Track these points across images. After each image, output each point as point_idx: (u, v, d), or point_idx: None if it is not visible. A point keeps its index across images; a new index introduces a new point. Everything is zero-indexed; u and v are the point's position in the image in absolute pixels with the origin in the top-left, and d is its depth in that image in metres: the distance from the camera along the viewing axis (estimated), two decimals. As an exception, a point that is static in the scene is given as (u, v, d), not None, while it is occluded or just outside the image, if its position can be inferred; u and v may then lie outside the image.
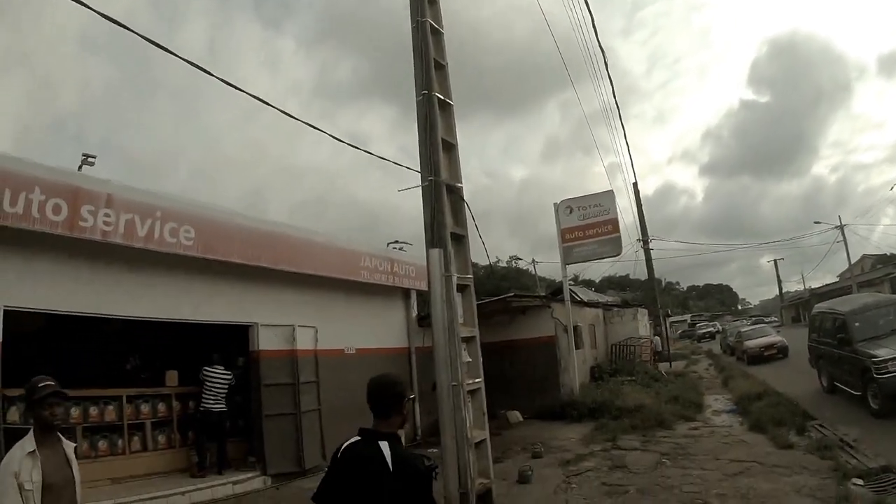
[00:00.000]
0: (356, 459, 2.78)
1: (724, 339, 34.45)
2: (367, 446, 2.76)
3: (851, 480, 6.39)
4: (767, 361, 21.78)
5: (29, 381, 3.31)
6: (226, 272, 8.87)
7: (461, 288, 7.19)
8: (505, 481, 8.16)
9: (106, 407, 8.35)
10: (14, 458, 3.08)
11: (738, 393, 14.00)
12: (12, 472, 3.01)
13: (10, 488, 2.97)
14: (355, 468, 2.76)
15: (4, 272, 6.59)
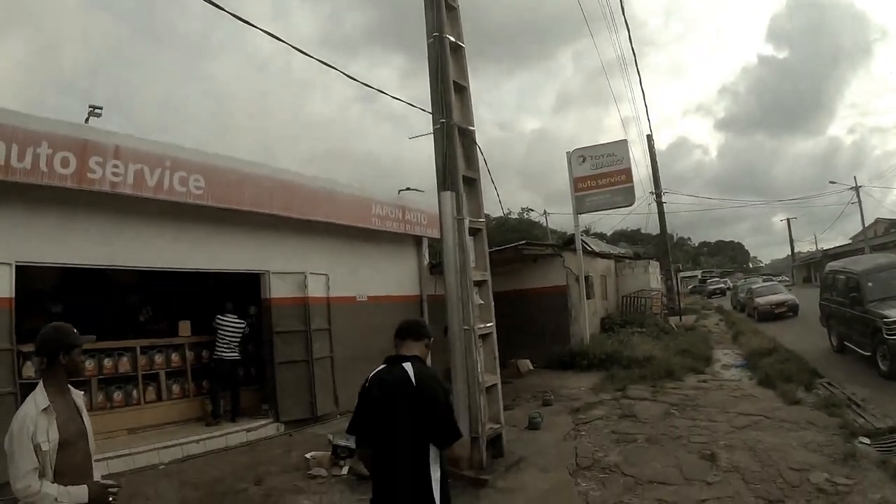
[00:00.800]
0: (383, 381, 3.13)
1: (735, 295, 34.37)
2: (393, 368, 3.13)
3: (858, 439, 6.44)
4: (778, 319, 21.75)
5: (54, 326, 3.13)
6: (237, 221, 8.85)
7: (473, 231, 7.20)
8: (515, 427, 8.30)
9: (120, 358, 8.47)
10: (28, 417, 2.88)
11: (748, 348, 14.00)
12: (28, 432, 2.84)
13: (26, 451, 2.82)
14: (383, 389, 3.10)
15: (15, 228, 6.62)
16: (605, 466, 6.48)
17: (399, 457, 3.01)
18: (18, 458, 2.80)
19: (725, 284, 54.09)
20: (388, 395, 3.07)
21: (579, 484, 6.06)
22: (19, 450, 2.81)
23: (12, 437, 2.84)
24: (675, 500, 5.31)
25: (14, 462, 2.80)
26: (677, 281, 28.73)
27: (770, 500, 5.04)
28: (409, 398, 2.99)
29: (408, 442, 2.97)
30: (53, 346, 3.03)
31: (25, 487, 2.78)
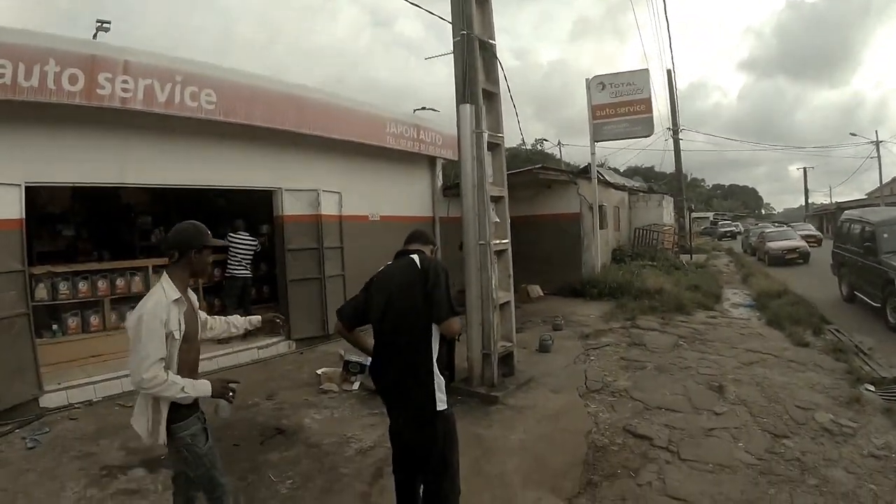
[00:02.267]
0: (388, 269, 3.41)
1: (747, 238, 34.18)
2: (399, 259, 3.41)
3: (864, 385, 6.46)
4: (788, 265, 21.66)
5: (193, 224, 3.18)
6: (250, 137, 8.68)
7: (491, 146, 7.12)
8: (525, 349, 8.39)
9: (132, 278, 8.40)
10: (161, 304, 2.88)
11: (758, 289, 13.98)
12: (161, 319, 2.84)
13: (157, 338, 2.81)
14: (387, 274, 3.37)
15: (23, 148, 6.49)
16: (615, 390, 6.57)
17: (401, 334, 3.21)
18: (148, 344, 2.78)
19: (737, 228, 53.64)
20: (392, 277, 3.33)
21: (589, 405, 6.15)
22: (149, 336, 2.79)
23: (142, 323, 2.80)
24: (684, 426, 5.38)
25: (142, 349, 2.77)
26: (689, 219, 28.39)
27: (776, 434, 5.10)
28: (412, 279, 3.21)
29: (411, 320, 3.18)
30: (189, 242, 3.08)
31: (153, 377, 2.75)
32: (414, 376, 3.14)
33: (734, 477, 4.36)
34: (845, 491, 4.03)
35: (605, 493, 4.23)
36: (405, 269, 3.30)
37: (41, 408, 6.30)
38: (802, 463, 4.54)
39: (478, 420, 5.83)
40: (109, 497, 4.39)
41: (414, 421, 3.22)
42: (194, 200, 10.84)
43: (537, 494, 4.28)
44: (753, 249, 28.15)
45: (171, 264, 3.08)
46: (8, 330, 6.00)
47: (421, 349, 3.15)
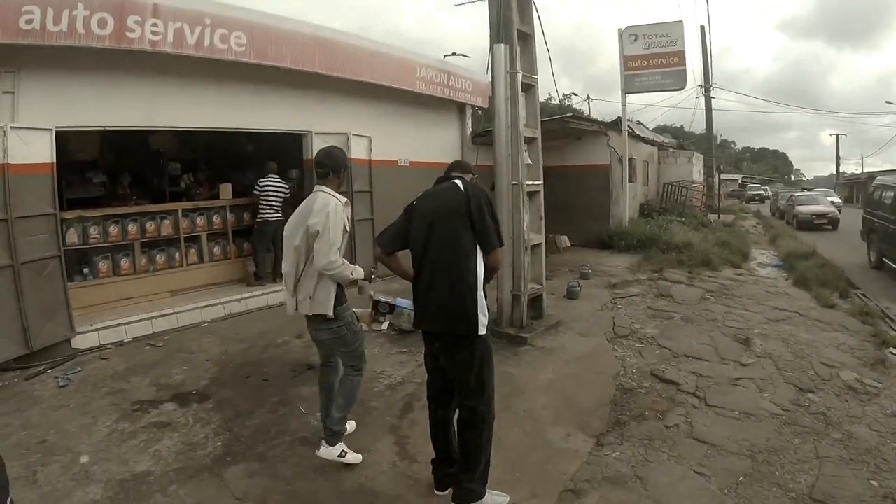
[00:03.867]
0: (430, 192, 3.42)
1: (775, 202, 33.63)
2: (442, 185, 3.42)
3: (889, 349, 6.39)
4: (816, 230, 21.31)
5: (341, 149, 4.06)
6: (280, 80, 8.58)
7: (525, 88, 7.03)
8: (553, 296, 8.40)
9: (162, 222, 8.41)
10: (339, 206, 3.67)
11: (786, 250, 13.76)
12: (342, 220, 3.64)
13: (340, 231, 3.60)
14: (430, 198, 3.37)
15: (53, 94, 6.46)
16: (642, 337, 6.59)
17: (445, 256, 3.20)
18: (334, 235, 3.56)
19: (765, 192, 52.72)
20: (435, 201, 3.32)
21: (616, 350, 6.19)
22: (335, 230, 3.57)
23: (329, 218, 3.56)
24: (710, 374, 5.40)
25: (328, 239, 3.55)
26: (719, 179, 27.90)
27: (801, 389, 5.10)
28: (457, 202, 3.20)
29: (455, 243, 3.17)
30: (341, 163, 3.88)
31: (334, 261, 3.55)
32: (458, 298, 3.13)
33: (759, 425, 4.39)
34: (869, 447, 4.02)
35: (632, 433, 4.28)
36: (449, 193, 3.29)
37: (73, 349, 6.39)
38: (827, 417, 4.53)
39: (506, 359, 5.89)
40: (141, 430, 4.50)
41: (453, 344, 3.22)
42: (223, 146, 10.88)
43: (566, 430, 4.35)
44: (782, 213, 27.74)
45: (325, 179, 3.83)
46: (40, 272, 6.06)
47: (465, 272, 3.14)
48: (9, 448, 4.13)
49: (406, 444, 4.23)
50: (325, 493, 3.60)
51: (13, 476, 3.72)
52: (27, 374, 5.64)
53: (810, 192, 31.77)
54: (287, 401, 5.03)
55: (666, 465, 3.82)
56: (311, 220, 3.59)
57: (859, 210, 15.72)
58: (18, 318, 5.78)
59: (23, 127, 5.97)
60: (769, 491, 3.50)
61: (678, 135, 52.61)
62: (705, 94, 27.82)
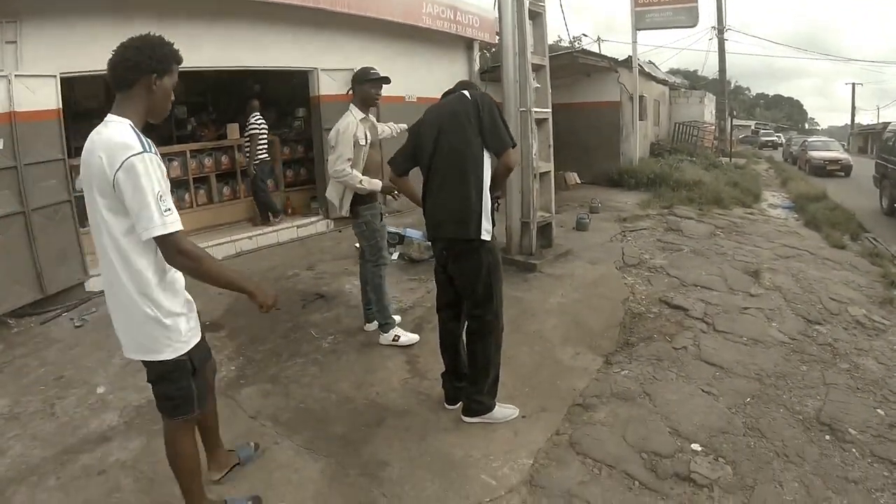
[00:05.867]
0: (437, 105, 3.42)
1: (788, 147, 33.19)
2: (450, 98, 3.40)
3: (898, 291, 6.38)
4: (829, 176, 21.06)
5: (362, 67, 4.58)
6: (285, 17, 8.30)
7: (533, 15, 6.82)
8: (562, 227, 8.37)
9: (171, 164, 8.29)
10: (351, 124, 4.18)
11: (796, 193, 13.64)
12: (352, 134, 4.14)
13: (348, 144, 4.12)
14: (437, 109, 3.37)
15: (56, 39, 6.26)
16: (651, 267, 6.55)
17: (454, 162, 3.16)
18: (341, 147, 4.12)
19: (778, 139, 51.88)
20: (442, 110, 3.30)
21: (625, 278, 6.16)
22: (343, 142, 4.13)
23: (339, 133, 4.16)
24: (719, 303, 5.37)
25: (336, 150, 4.14)
26: (731, 122, 27.36)
27: (809, 320, 5.07)
28: (465, 108, 3.17)
29: (463, 148, 3.13)
30: (358, 77, 4.43)
31: (341, 169, 4.11)
32: (464, 202, 3.10)
33: (767, 351, 4.38)
34: (875, 378, 4.01)
35: (641, 353, 4.28)
36: (455, 101, 3.26)
37: (87, 291, 6.35)
38: (834, 348, 4.52)
39: (516, 285, 5.88)
40: None
41: (460, 251, 3.20)
42: (229, 87, 10.66)
43: (575, 350, 4.36)
44: (794, 158, 27.39)
45: (354, 96, 4.41)
46: (52, 217, 6.00)
47: (472, 176, 3.10)
48: (27, 385, 4.17)
49: (417, 362, 4.25)
50: (335, 410, 3.62)
51: (31, 410, 3.77)
52: (43, 319, 5.64)
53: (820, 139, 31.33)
54: (298, 326, 5.03)
55: (674, 384, 3.82)
56: (329, 135, 4.30)
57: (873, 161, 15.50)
58: (32, 264, 5.76)
59: (27, 75, 5.85)
60: (776, 412, 3.50)
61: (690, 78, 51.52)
62: (718, 37, 26.96)
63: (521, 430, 3.31)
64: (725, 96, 27.37)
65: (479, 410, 3.34)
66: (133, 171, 1.97)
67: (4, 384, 4.26)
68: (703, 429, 3.29)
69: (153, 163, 2.04)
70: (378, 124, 4.72)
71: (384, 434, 3.32)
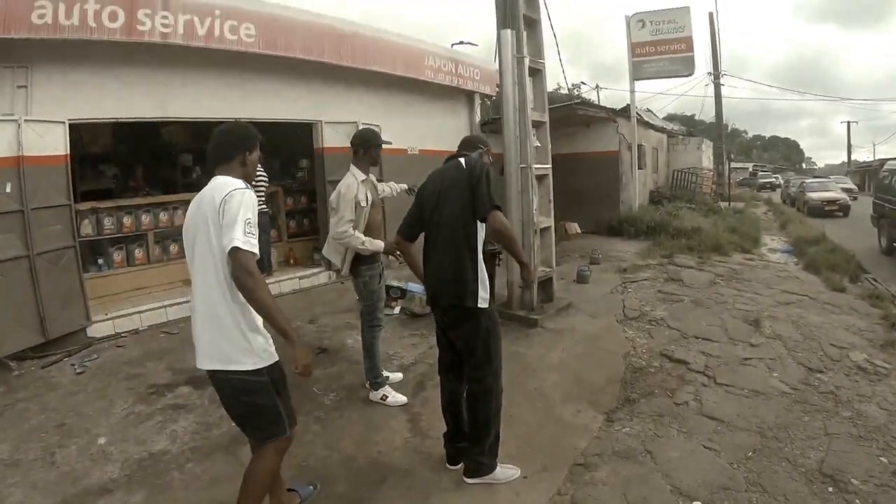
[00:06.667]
0: (436, 172, 3.49)
1: (786, 189, 33.37)
2: (447, 164, 3.48)
3: (899, 332, 6.37)
4: (827, 216, 21.16)
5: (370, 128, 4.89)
6: (290, 70, 8.55)
7: (533, 72, 7.00)
8: (563, 280, 8.41)
9: (175, 212, 8.34)
10: (352, 186, 4.22)
11: (795, 236, 13.67)
12: (353, 196, 4.18)
13: (350, 206, 4.16)
14: (436, 176, 3.45)
15: (66, 86, 6.45)
16: (652, 319, 6.58)
17: (447, 230, 3.25)
18: (343, 209, 4.17)
19: (776, 180, 52.20)
20: (440, 179, 3.39)
21: (626, 331, 6.18)
22: (345, 204, 4.18)
23: (340, 195, 4.22)
24: (720, 354, 5.38)
25: (338, 212, 4.20)
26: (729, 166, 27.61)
27: (811, 368, 5.07)
28: (458, 176, 3.25)
29: (456, 216, 3.21)
30: (369, 140, 4.43)
31: (344, 231, 4.15)
32: (457, 271, 3.18)
33: (769, 403, 4.38)
34: (877, 425, 4.00)
35: (642, 409, 4.29)
36: (451, 171, 3.35)
37: (89, 337, 6.41)
38: (836, 396, 4.51)
39: (517, 340, 5.91)
40: (157, 412, 4.54)
41: (458, 316, 3.25)
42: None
43: (576, 407, 4.36)
44: (793, 200, 27.53)
45: (356, 156, 4.41)
46: (56, 262, 6.08)
47: (465, 245, 3.18)
48: (28, 431, 4.20)
49: (419, 421, 4.26)
50: (338, 468, 3.63)
51: (32, 457, 3.79)
52: (44, 363, 5.68)
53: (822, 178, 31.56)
54: (300, 382, 5.04)
55: (676, 440, 3.82)
56: (331, 197, 4.36)
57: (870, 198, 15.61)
58: (35, 308, 5.82)
59: (36, 120, 6.00)
60: (778, 465, 3.49)
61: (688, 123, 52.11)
62: (714, 82, 27.47)
63: (523, 490, 3.31)
64: (723, 141, 27.69)
65: (481, 471, 3.35)
66: (233, 199, 2.41)
67: (5, 428, 4.28)
68: (704, 486, 3.28)
69: (249, 197, 2.47)
70: (378, 184, 4.76)
71: (386, 494, 3.33)
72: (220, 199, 2.41)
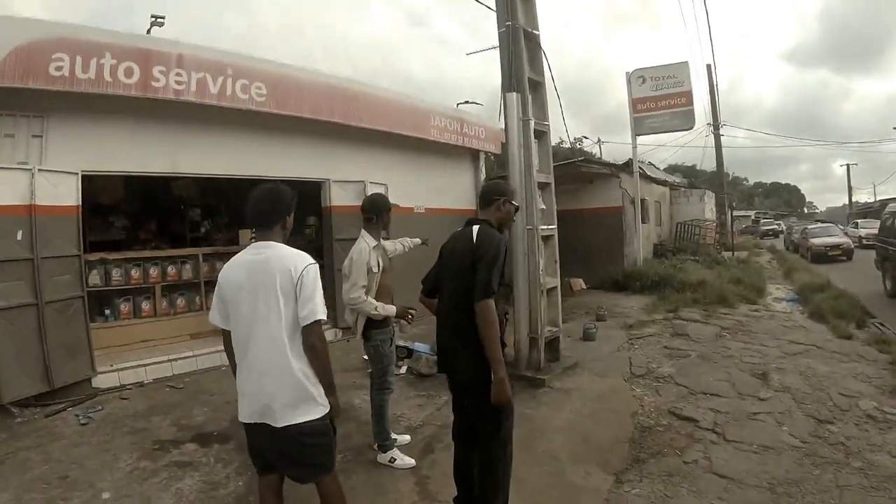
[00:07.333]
0: (452, 238, 3.49)
1: (789, 235, 33.41)
2: (464, 229, 3.43)
3: (908, 376, 6.33)
4: (831, 262, 21.12)
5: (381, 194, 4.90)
6: (299, 128, 8.73)
7: (538, 134, 7.15)
8: (570, 338, 8.40)
9: (183, 266, 8.48)
10: (364, 251, 4.29)
11: (800, 284, 13.65)
12: (365, 262, 4.24)
13: (362, 272, 4.22)
14: (452, 244, 3.45)
15: (80, 138, 6.65)
16: (659, 376, 6.56)
17: (451, 308, 3.27)
18: (356, 275, 4.23)
19: (779, 226, 52.27)
20: (452, 249, 3.41)
21: (634, 389, 6.16)
22: (357, 270, 4.24)
23: (353, 261, 4.28)
24: (728, 410, 5.35)
25: (351, 278, 4.25)
26: (731, 215, 27.74)
27: (820, 420, 5.05)
28: (466, 249, 3.22)
29: (460, 295, 3.18)
30: (381, 207, 4.49)
31: (357, 297, 4.20)
32: (465, 346, 3.15)
33: (779, 458, 4.34)
34: (889, 474, 3.97)
35: (652, 470, 4.25)
36: (464, 239, 3.30)
37: (93, 388, 6.43)
38: (847, 447, 4.48)
39: (525, 401, 5.87)
40: (162, 468, 4.49)
41: (465, 386, 3.26)
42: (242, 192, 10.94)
43: (585, 469, 4.34)
44: (796, 246, 27.52)
45: (368, 223, 4.46)
46: (64, 311, 6.14)
47: (464, 319, 3.13)
48: (30, 481, 4.19)
49: (427, 484, 4.22)
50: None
51: None
52: (48, 412, 5.69)
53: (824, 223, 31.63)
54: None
55: (685, 500, 3.79)
56: (344, 264, 4.41)
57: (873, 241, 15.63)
58: (41, 356, 5.85)
59: (50, 170, 6.16)
60: (790, 522, 3.46)
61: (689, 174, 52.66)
62: (714, 133, 27.89)
63: (535, 559, 3.27)
64: (724, 191, 27.92)
65: (489, 535, 3.30)
66: (310, 275, 2.66)
67: (6, 477, 4.26)
68: (716, 547, 3.25)
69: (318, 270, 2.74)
70: (389, 242, 4.85)
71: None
72: (297, 273, 2.62)
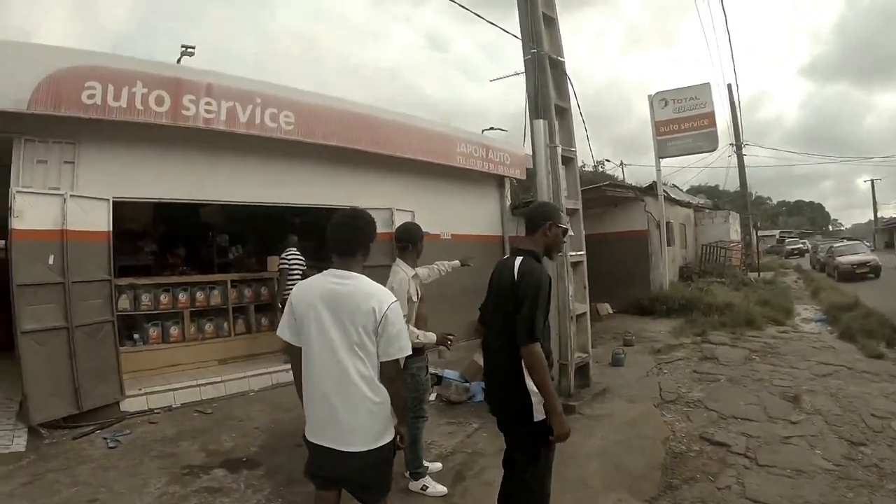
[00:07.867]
0: (498, 269, 3.40)
1: (815, 254, 32.98)
2: (508, 258, 3.35)
3: (940, 394, 6.27)
4: (859, 279, 20.78)
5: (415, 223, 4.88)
6: (326, 156, 8.86)
7: (565, 161, 7.19)
8: (598, 364, 8.31)
9: (211, 292, 8.60)
10: (404, 281, 4.29)
11: (828, 303, 13.49)
12: (405, 291, 4.24)
13: (403, 303, 3.95)
14: (496, 275, 3.39)
15: (111, 165, 6.82)
16: (689, 401, 6.55)
17: (495, 343, 3.24)
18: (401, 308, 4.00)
19: (804, 245, 51.62)
20: (496, 281, 3.37)
21: (664, 415, 6.16)
22: (401, 302, 3.88)
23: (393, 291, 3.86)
24: (760, 434, 5.33)
25: None
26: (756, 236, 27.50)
27: (853, 442, 5.02)
28: (508, 286, 3.14)
29: (503, 330, 3.12)
30: (416, 235, 4.54)
31: None
32: (508, 383, 3.11)
33: (812, 482, 4.33)
34: (925, 496, 3.96)
35: (684, 496, 4.26)
36: (507, 272, 3.19)
37: (122, 411, 6.50)
38: (880, 469, 4.46)
39: (556, 429, 5.90)
40: (192, 494, 4.48)
41: (509, 423, 3.27)
42: (270, 219, 11.08)
43: (618, 496, 4.36)
44: (822, 265, 27.15)
45: (403, 251, 4.50)
46: (94, 335, 6.26)
47: (505, 357, 3.10)
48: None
49: (458, 513, 4.25)
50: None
51: None
52: (76, 434, 5.76)
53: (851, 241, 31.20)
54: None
55: (720, 526, 3.80)
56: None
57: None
58: (71, 379, 5.95)
59: (81, 196, 6.33)
60: (826, 547, 3.46)
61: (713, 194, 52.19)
62: (737, 153, 27.80)
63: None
64: (749, 212, 27.72)
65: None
66: (394, 313, 2.71)
67: (35, 499, 4.29)
68: (752, 572, 3.26)
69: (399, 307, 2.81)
70: (424, 270, 4.83)
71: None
72: (381, 311, 2.68)
